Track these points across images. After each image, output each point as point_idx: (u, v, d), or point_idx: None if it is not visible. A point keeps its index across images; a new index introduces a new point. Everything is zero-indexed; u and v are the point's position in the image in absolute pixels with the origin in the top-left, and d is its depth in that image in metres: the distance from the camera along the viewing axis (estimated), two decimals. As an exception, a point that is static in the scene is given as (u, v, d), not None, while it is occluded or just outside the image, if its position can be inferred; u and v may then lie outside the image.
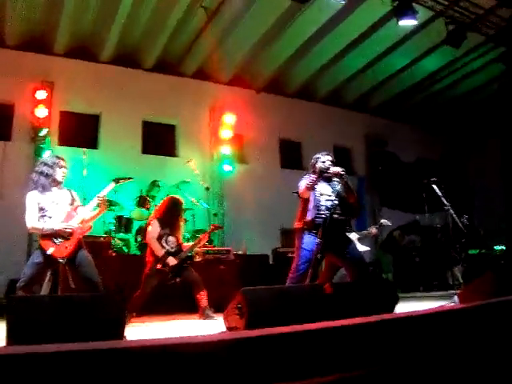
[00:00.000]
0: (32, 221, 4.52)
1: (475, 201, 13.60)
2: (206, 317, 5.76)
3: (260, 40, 9.94)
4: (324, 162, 5.08)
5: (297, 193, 5.07)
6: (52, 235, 4.47)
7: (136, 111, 10.21)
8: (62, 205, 4.66)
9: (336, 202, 4.83)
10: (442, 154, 14.66)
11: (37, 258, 4.55)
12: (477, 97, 13.03)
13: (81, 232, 4.62)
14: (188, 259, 6.11)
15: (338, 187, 4.99)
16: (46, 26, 9.00)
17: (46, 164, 4.71)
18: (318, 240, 4.65)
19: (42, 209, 4.56)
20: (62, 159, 4.78)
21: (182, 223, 6.26)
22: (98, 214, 4.89)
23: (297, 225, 5.01)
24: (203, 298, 5.86)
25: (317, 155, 5.20)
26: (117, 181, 5.01)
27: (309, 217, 4.88)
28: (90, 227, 4.78)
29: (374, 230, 5.96)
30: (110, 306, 3.21)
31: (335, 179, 5.07)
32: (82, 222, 4.64)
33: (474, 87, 12.68)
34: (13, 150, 8.80)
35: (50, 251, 4.44)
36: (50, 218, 4.55)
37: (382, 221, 6.21)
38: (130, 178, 5.21)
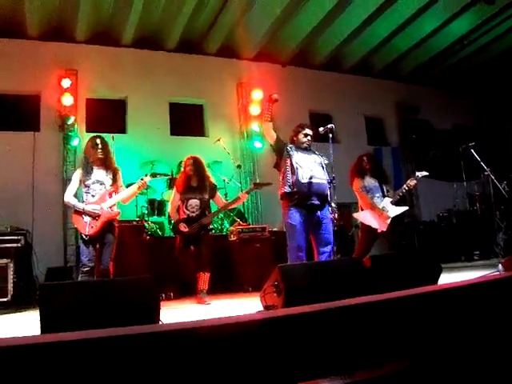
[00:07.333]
0: (68, 195, 4.92)
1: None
2: (198, 300, 5.50)
3: (283, 12, 9.60)
4: (305, 133, 5.04)
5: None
6: (82, 213, 4.83)
7: (162, 93, 10.10)
8: (106, 184, 4.96)
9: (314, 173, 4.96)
10: (477, 120, 14.13)
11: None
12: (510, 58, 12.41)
13: (108, 216, 4.85)
14: (203, 229, 5.70)
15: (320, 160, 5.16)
16: (65, 13, 8.90)
17: (86, 146, 5.08)
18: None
19: (86, 186, 4.90)
20: (98, 137, 5.07)
21: (208, 181, 5.91)
22: (133, 195, 5.15)
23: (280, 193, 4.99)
24: (202, 279, 5.56)
25: (297, 127, 5.13)
26: (153, 175, 5.38)
27: (285, 189, 4.88)
28: (118, 213, 4.99)
29: (412, 181, 5.67)
30: (144, 290, 3.14)
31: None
32: (111, 207, 4.90)
33: (508, 47, 12.07)
34: (42, 139, 8.81)
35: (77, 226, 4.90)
36: (93, 196, 4.88)
37: (418, 173, 5.89)
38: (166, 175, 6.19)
